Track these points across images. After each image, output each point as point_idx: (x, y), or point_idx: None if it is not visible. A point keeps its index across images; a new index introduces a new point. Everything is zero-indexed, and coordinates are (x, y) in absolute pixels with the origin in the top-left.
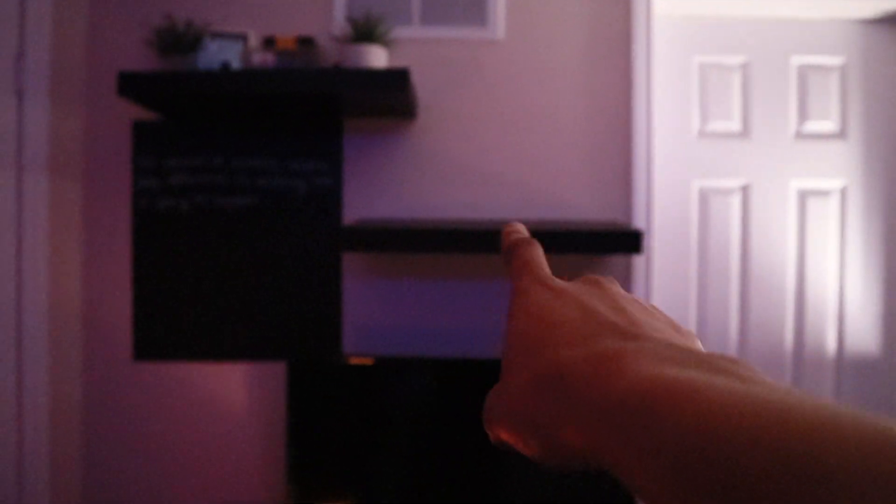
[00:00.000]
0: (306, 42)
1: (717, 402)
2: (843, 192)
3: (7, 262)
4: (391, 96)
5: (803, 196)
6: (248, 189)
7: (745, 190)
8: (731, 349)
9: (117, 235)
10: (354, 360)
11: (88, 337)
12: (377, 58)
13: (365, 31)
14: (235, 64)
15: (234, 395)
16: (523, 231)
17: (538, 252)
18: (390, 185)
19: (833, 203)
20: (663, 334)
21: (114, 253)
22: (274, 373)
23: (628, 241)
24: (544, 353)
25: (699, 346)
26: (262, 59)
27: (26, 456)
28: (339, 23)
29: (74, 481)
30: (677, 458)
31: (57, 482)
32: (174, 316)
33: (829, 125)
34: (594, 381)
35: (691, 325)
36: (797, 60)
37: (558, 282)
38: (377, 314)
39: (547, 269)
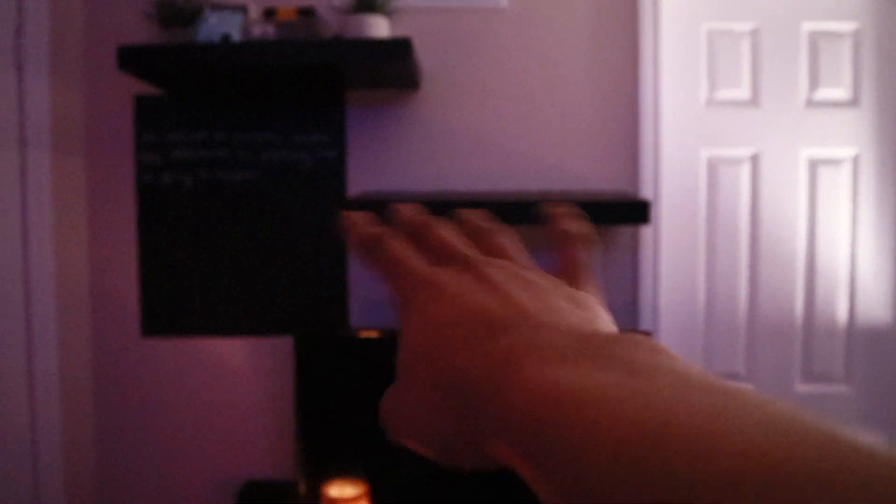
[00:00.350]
0: (307, 13)
1: (600, 416)
2: (856, 161)
3: (13, 240)
4: (394, 66)
5: (814, 165)
6: (252, 163)
7: (754, 159)
8: (741, 320)
9: (122, 211)
10: (361, 334)
11: (96, 313)
12: (379, 28)
13: (366, 1)
14: (236, 36)
15: (243, 369)
16: (365, 220)
17: (398, 243)
18: (394, 156)
19: (845, 172)
20: (557, 314)
21: (119, 229)
22: (282, 347)
23: (635, 211)
24: (438, 361)
25: (598, 314)
26: (262, 30)
27: (40, 433)
28: None
29: (87, 456)
30: (565, 476)
31: (70, 457)
32: (181, 291)
33: (841, 92)
34: (489, 388)
35: (700, 296)
36: (808, 26)
37: (433, 275)
38: (383, 287)
39: (415, 259)
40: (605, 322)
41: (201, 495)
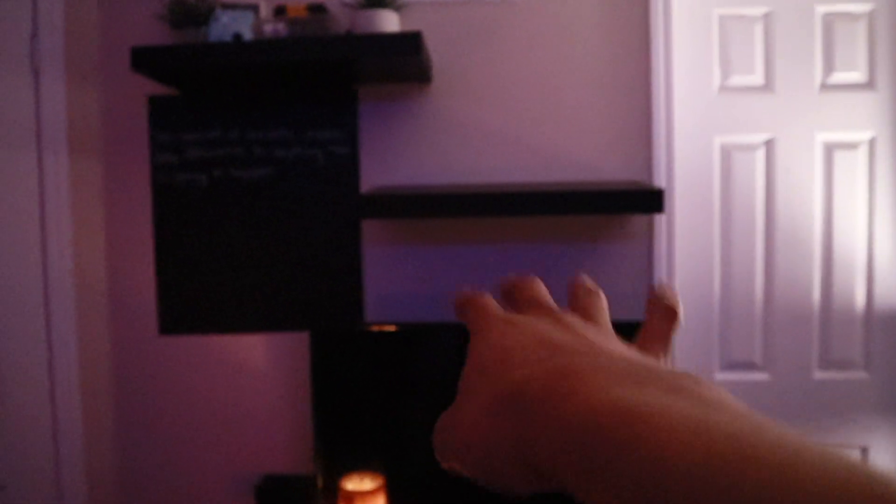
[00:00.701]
0: (317, 9)
1: (676, 432)
2: (872, 144)
3: (32, 242)
4: (404, 61)
5: (830, 149)
6: (266, 160)
7: (768, 145)
8: (757, 308)
9: (138, 211)
10: (377, 328)
11: (114, 312)
12: (389, 22)
13: None
14: (247, 35)
15: (260, 365)
16: (469, 289)
17: (490, 300)
18: (407, 151)
19: (861, 155)
20: (622, 350)
21: (136, 229)
22: (298, 343)
23: (649, 199)
24: (499, 376)
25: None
26: (273, 28)
27: (61, 432)
28: None
29: (107, 452)
30: (634, 489)
31: (91, 454)
32: (198, 289)
33: (856, 75)
34: (550, 399)
35: (715, 284)
36: (822, 9)
37: (514, 315)
38: (398, 281)
39: (496, 306)
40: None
41: (220, 490)
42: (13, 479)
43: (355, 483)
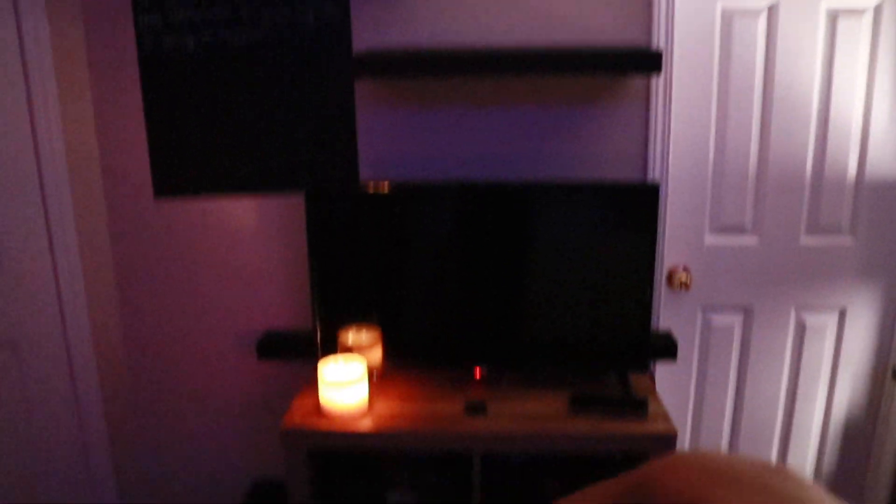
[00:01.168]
0: None
1: None
2: (877, 11)
3: (20, 112)
4: None
5: (833, 15)
6: (255, 22)
7: (771, 10)
8: (750, 173)
9: (125, 75)
10: (371, 188)
11: (108, 179)
12: None
13: None
14: None
15: (257, 227)
16: None
17: None
18: (399, 13)
19: (865, 23)
20: None
21: (124, 93)
22: (294, 204)
23: (647, 60)
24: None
25: None
26: None
27: (65, 299)
28: None
29: (111, 317)
30: None
31: (95, 317)
32: (191, 152)
33: None
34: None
35: (710, 148)
36: None
37: None
38: (393, 143)
39: None
40: None
41: (222, 346)
42: (23, 337)
43: (353, 336)
